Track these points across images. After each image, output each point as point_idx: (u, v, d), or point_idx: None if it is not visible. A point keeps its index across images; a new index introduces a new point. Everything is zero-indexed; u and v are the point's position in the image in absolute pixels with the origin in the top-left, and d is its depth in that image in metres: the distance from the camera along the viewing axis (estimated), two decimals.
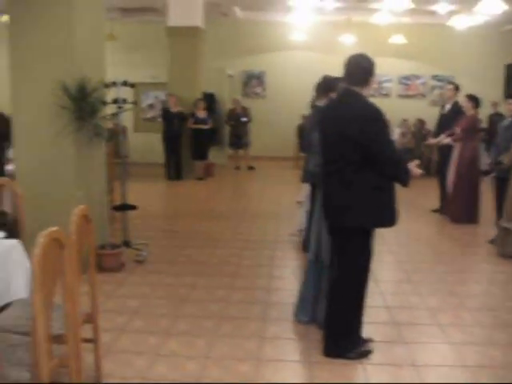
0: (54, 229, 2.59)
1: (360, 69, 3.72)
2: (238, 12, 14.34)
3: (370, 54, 3.82)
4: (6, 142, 6.91)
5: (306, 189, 6.21)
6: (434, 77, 15.40)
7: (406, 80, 15.52)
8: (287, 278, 5.70)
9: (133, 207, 6.07)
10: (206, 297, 5.06)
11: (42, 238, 2.48)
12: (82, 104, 5.30)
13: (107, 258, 5.63)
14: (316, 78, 5.91)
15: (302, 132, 10.30)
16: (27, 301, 3.43)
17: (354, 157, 3.61)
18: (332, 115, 3.83)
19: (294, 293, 4.72)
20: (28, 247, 3.65)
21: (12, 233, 3.86)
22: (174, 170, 12.05)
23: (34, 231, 4.17)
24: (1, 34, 6.62)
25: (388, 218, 3.75)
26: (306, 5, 11.55)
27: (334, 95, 4.72)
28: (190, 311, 4.72)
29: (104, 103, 5.62)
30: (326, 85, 5.38)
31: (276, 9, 13.47)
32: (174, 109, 11.89)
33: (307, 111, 7.29)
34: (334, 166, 3.73)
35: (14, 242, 3.57)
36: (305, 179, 5.93)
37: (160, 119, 12.56)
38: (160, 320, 4.52)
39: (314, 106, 6.00)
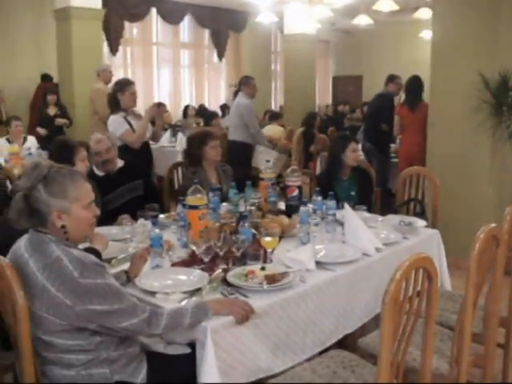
0: (493, 225, 2.51)
1: None
2: None
3: None
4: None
5: None
6: None
7: None
8: None
9: None
10: None
11: (481, 234, 2.43)
12: (503, 99, 5.10)
13: None
14: None
15: None
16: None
17: None
18: None
19: None
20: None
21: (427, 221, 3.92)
22: None
23: (445, 222, 4.24)
24: None
25: None
26: None
27: None
28: None
29: None
30: None
31: None
32: None
33: None
34: None
35: (434, 231, 3.62)
36: None
37: None
38: None
39: None
